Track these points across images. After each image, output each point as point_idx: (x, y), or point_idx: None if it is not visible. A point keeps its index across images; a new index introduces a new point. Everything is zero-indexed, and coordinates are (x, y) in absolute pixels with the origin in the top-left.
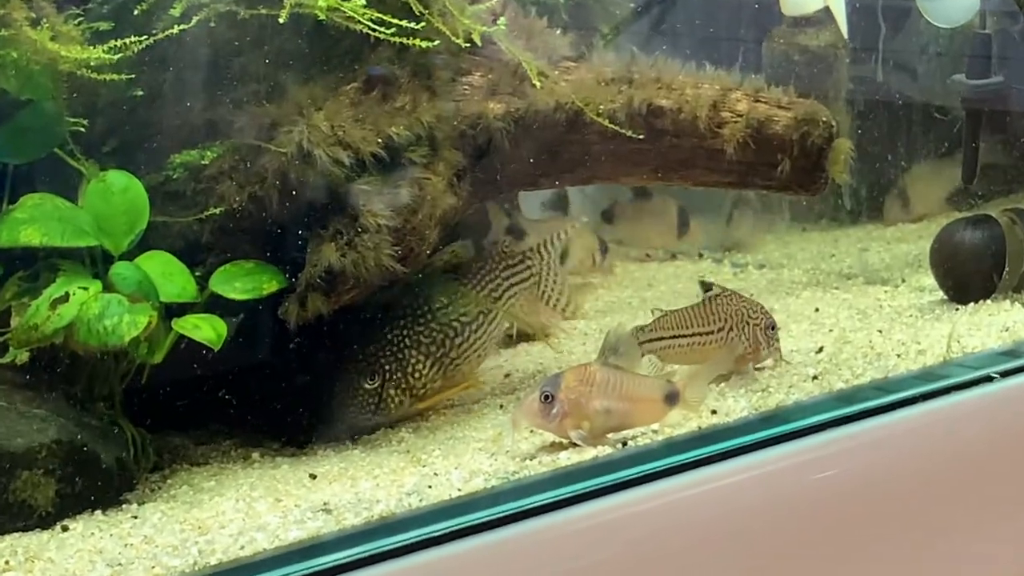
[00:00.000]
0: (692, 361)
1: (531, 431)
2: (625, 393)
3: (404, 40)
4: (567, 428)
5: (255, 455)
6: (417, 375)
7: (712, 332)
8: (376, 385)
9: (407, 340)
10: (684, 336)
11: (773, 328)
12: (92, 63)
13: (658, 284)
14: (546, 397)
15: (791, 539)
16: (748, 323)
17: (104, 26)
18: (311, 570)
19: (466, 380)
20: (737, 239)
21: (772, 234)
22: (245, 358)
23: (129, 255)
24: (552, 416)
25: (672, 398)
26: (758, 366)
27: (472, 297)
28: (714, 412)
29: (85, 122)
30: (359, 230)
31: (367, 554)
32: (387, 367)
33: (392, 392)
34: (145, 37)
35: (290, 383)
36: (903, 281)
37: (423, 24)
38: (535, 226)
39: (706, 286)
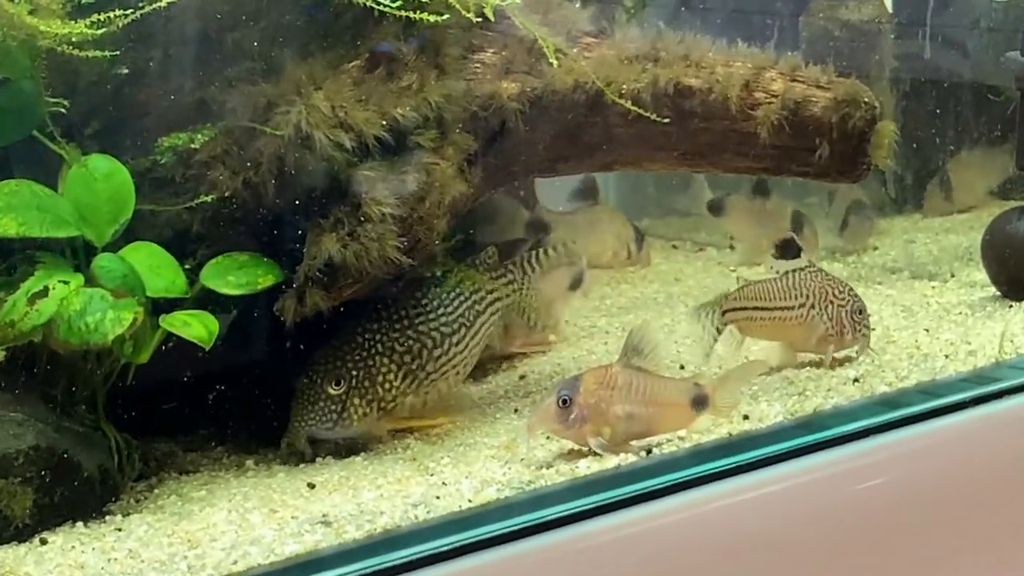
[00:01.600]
0: (772, 336)
1: (548, 437)
2: (649, 397)
3: (411, 14)
4: (586, 435)
5: (249, 463)
6: (387, 386)
7: (793, 308)
8: (341, 391)
9: (379, 346)
10: (766, 309)
11: (861, 312)
12: (73, 39)
13: (686, 278)
14: (564, 401)
15: (829, 555)
16: (832, 303)
17: None
18: None
19: (441, 401)
20: (850, 244)
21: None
22: (238, 358)
23: (113, 246)
24: (570, 422)
25: (700, 402)
26: (839, 353)
27: (455, 307)
28: (746, 417)
29: (66, 103)
30: (361, 219)
31: (369, 570)
32: (354, 373)
33: (357, 401)
34: (130, 11)
35: (287, 385)
36: (952, 276)
37: None
38: (562, 219)
39: (787, 246)
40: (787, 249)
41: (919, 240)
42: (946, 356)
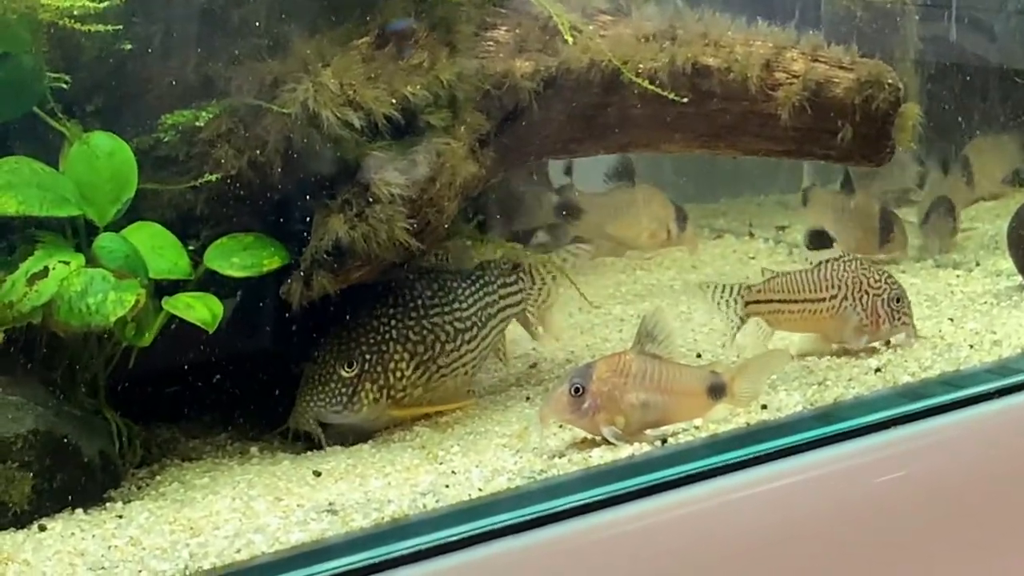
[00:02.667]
0: (802, 329)
1: (560, 426)
2: (664, 385)
3: None
4: (599, 424)
5: (253, 450)
6: (398, 374)
7: (824, 300)
8: (353, 374)
9: (393, 332)
10: (794, 302)
11: (899, 300)
12: (75, 12)
13: (703, 265)
14: (576, 389)
15: (848, 548)
16: (867, 293)
17: None
18: None
19: (452, 398)
20: (932, 243)
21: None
22: (243, 342)
23: (115, 226)
24: (583, 410)
25: (717, 390)
26: (879, 343)
27: (471, 304)
28: (764, 407)
29: (67, 78)
30: (370, 200)
31: (377, 559)
32: (367, 357)
33: (368, 386)
34: None
35: (293, 370)
36: (977, 264)
37: None
38: (595, 201)
39: (817, 236)
40: (818, 239)
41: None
42: (971, 346)
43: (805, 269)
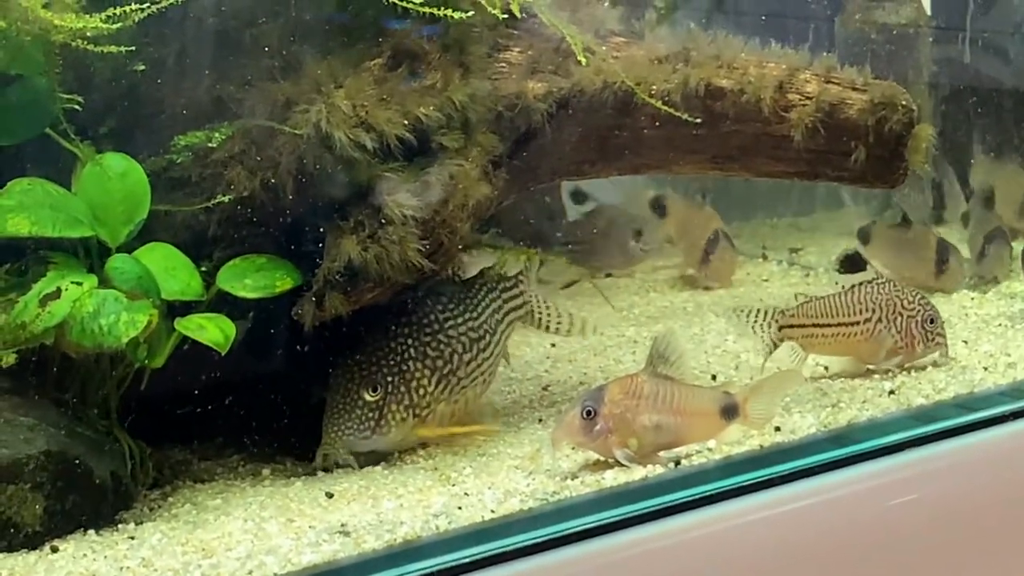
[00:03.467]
0: (835, 352)
1: (573, 449)
2: (677, 406)
3: (435, 10)
4: (612, 446)
5: (265, 471)
6: (422, 391)
7: (857, 323)
8: (378, 398)
9: (411, 351)
10: (827, 326)
11: (932, 321)
12: (88, 33)
13: (716, 287)
14: (588, 412)
15: (862, 571)
16: (901, 315)
17: None
18: None
19: (469, 410)
20: (988, 273)
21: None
22: (255, 364)
23: (128, 247)
24: (595, 433)
25: (730, 411)
26: (911, 364)
27: (479, 312)
28: (778, 429)
29: (80, 99)
30: (383, 222)
31: None
32: (389, 378)
33: (394, 408)
34: (147, 5)
35: (305, 392)
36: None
37: None
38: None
39: (851, 260)
40: (850, 263)
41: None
42: (985, 368)
43: (839, 293)
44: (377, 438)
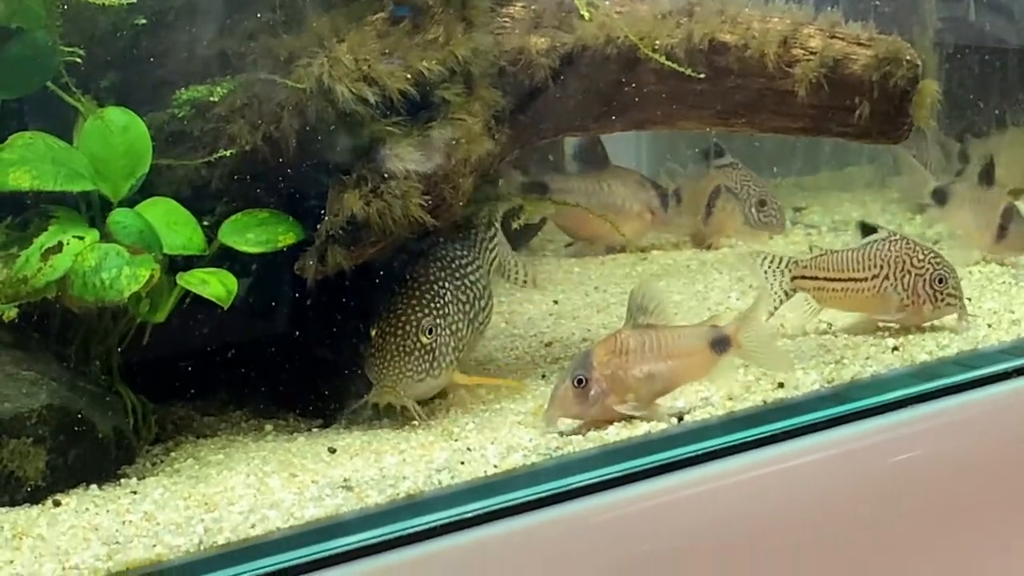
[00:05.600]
0: (846, 307)
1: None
2: (666, 351)
3: None
4: (612, 406)
5: (268, 427)
6: (460, 335)
7: (865, 279)
8: (432, 340)
9: (450, 295)
10: (837, 280)
11: (942, 281)
12: None
13: (720, 244)
14: (579, 381)
15: (864, 527)
16: (909, 273)
17: None
18: (329, 551)
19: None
20: (1009, 251)
21: (848, 192)
22: (258, 319)
23: (130, 201)
24: (591, 400)
25: (721, 344)
26: (923, 323)
27: (485, 259)
28: (781, 385)
29: (81, 53)
30: (385, 176)
31: (391, 535)
32: (439, 321)
33: (444, 350)
34: None
35: (308, 347)
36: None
37: None
38: (568, 184)
39: (868, 228)
40: (866, 231)
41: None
42: (989, 325)
43: (852, 248)
44: (430, 380)
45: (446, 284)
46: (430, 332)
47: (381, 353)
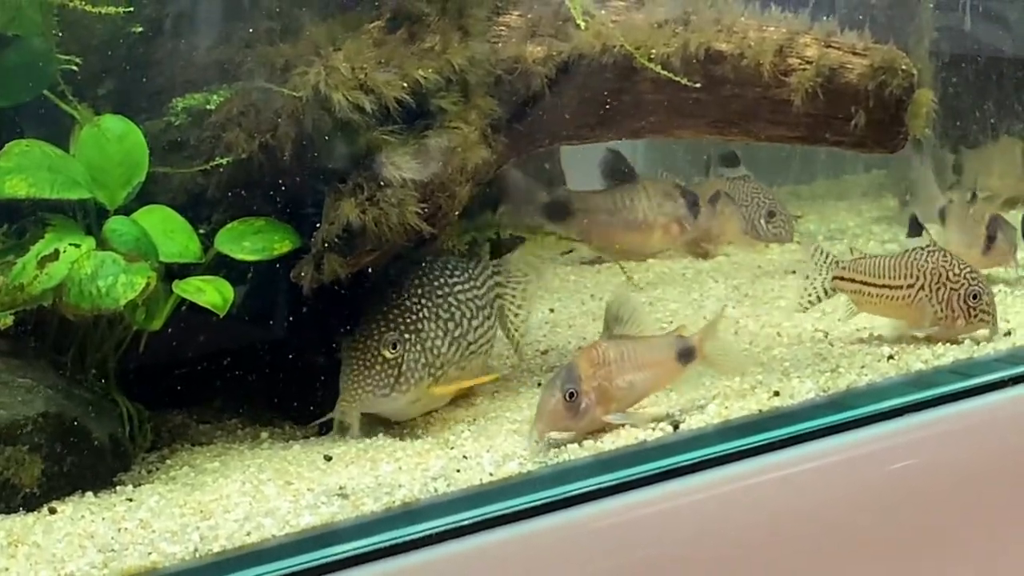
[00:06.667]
0: (881, 313)
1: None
2: (640, 361)
3: None
4: (600, 417)
5: (264, 434)
6: (436, 351)
7: (900, 287)
8: (397, 356)
9: (426, 311)
10: (873, 285)
11: (976, 297)
12: None
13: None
14: (570, 395)
15: (861, 536)
16: (944, 286)
17: None
18: (325, 560)
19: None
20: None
21: (845, 200)
22: (254, 327)
23: (126, 209)
24: (582, 413)
25: (686, 354)
26: (954, 336)
27: (483, 282)
28: (776, 393)
29: (78, 61)
30: (381, 184)
31: (387, 544)
32: (407, 336)
33: (412, 366)
34: None
35: (303, 355)
36: None
37: None
38: (591, 200)
39: (916, 225)
40: (915, 227)
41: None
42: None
43: (892, 255)
44: (396, 396)
45: (422, 300)
46: (394, 347)
47: (345, 366)
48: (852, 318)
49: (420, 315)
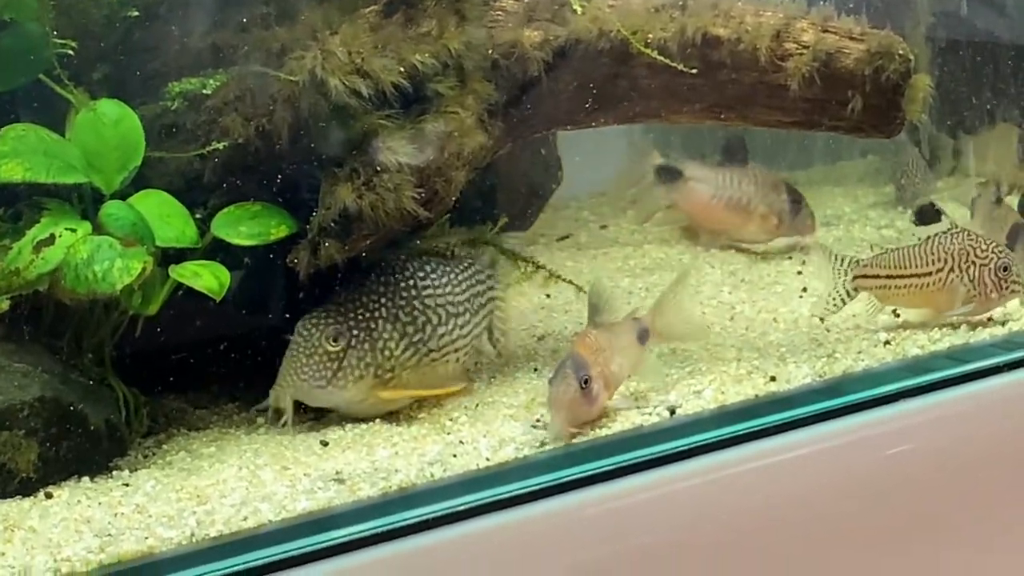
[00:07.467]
0: (911, 304)
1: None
2: (618, 345)
3: None
4: (605, 402)
5: (260, 420)
6: (387, 353)
7: (930, 273)
8: (339, 349)
9: (383, 310)
10: (901, 277)
11: (1006, 269)
12: None
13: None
14: (585, 382)
15: (857, 521)
16: (974, 264)
17: None
18: (321, 544)
19: (444, 385)
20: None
21: (841, 186)
22: (250, 312)
23: (122, 194)
24: (594, 397)
25: (644, 336)
26: (986, 313)
27: (463, 289)
28: (773, 379)
29: (74, 45)
30: (378, 169)
31: (384, 528)
32: (355, 332)
33: (354, 363)
34: None
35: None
36: None
37: None
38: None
39: (926, 213)
40: (924, 215)
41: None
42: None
43: (913, 244)
44: (333, 390)
45: (382, 299)
46: (336, 340)
47: (288, 350)
48: (878, 314)
49: (376, 313)
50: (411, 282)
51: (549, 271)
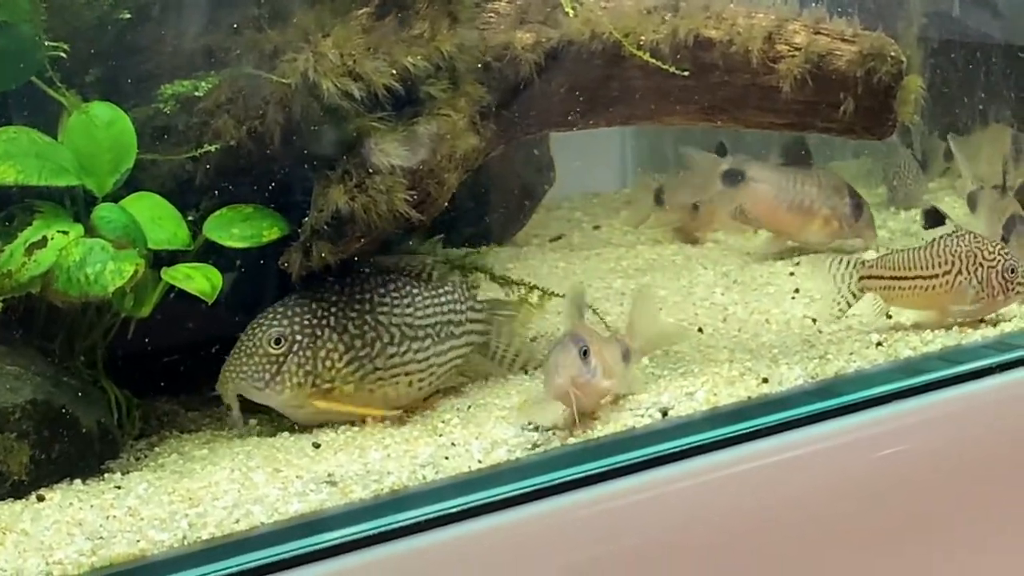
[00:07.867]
0: (917, 306)
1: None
2: (607, 351)
3: None
4: (601, 380)
5: (252, 422)
6: (328, 363)
7: (936, 276)
8: (280, 352)
9: (331, 320)
10: (906, 279)
11: (1013, 271)
12: None
13: (705, 239)
14: (584, 352)
15: (849, 522)
16: (982, 266)
17: None
18: (313, 547)
19: (390, 406)
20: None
21: None
22: (243, 314)
23: (114, 196)
24: (592, 369)
25: (627, 355)
26: (992, 314)
27: (428, 314)
28: (765, 380)
29: (66, 47)
30: (370, 171)
31: (376, 531)
32: (299, 338)
33: (294, 368)
34: None
35: None
36: None
37: None
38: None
39: (933, 215)
40: (931, 217)
41: (946, 204)
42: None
43: (920, 246)
44: (270, 393)
45: (332, 309)
46: (277, 343)
47: (234, 348)
48: (883, 315)
49: (323, 322)
50: (367, 296)
51: (542, 290)
